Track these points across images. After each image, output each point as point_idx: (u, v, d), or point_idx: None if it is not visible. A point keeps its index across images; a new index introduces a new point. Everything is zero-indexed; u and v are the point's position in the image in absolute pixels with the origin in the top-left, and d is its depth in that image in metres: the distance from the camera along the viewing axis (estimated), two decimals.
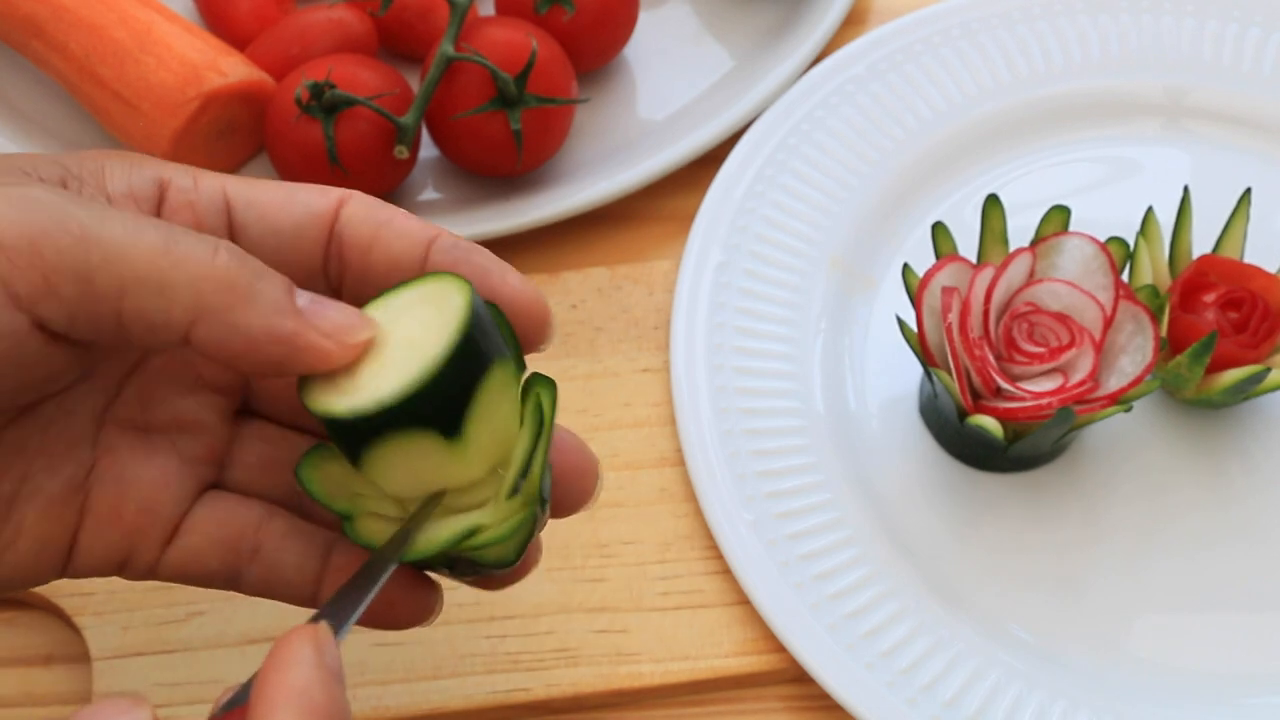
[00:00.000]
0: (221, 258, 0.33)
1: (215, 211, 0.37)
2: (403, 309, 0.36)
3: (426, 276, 0.36)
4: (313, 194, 0.38)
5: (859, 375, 0.55)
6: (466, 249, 0.38)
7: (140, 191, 0.37)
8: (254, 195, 0.38)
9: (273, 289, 0.34)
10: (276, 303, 0.34)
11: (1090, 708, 0.47)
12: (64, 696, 0.49)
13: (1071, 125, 0.60)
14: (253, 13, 0.61)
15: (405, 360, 0.34)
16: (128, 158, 0.38)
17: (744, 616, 0.49)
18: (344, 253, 0.38)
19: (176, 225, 0.34)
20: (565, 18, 0.57)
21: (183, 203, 0.37)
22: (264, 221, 0.38)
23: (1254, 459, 0.53)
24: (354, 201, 0.38)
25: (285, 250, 0.38)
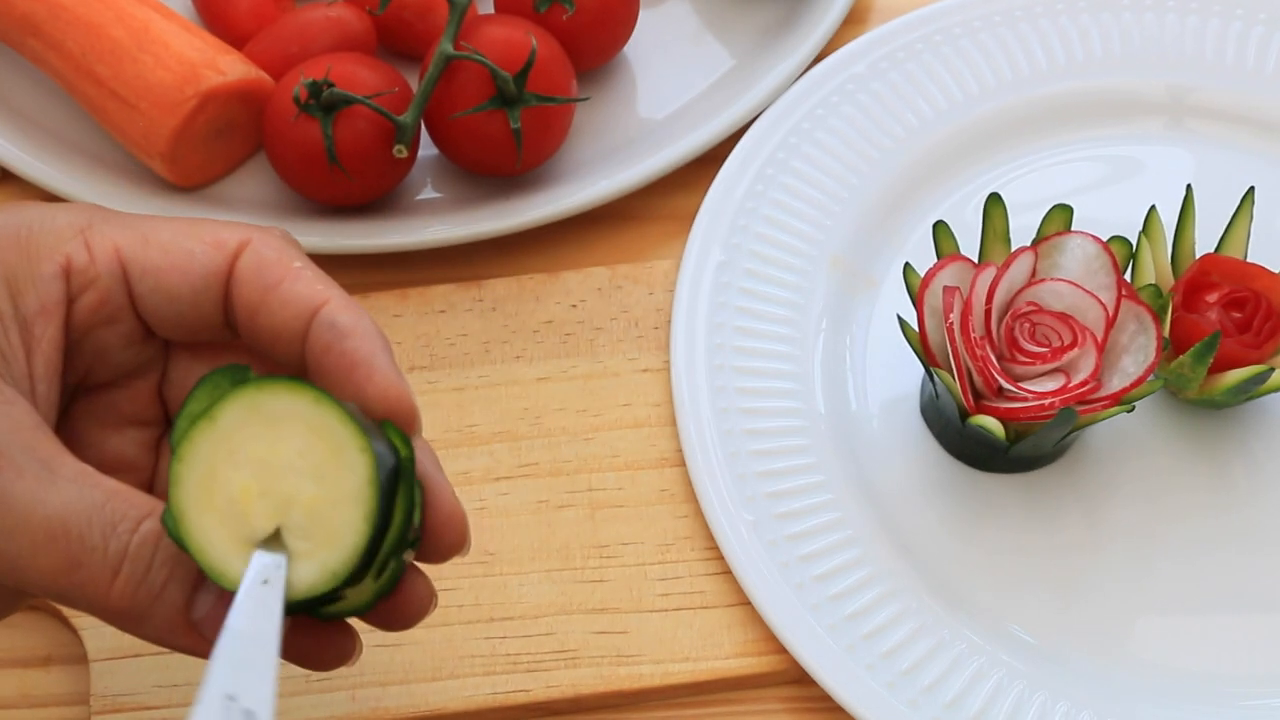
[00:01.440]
0: (118, 587, 0.34)
1: (115, 284, 0.37)
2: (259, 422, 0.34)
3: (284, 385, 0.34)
4: (209, 250, 0.37)
5: (860, 375, 0.54)
6: (344, 330, 0.36)
7: (49, 300, 0.37)
8: (149, 260, 0.37)
9: (167, 607, 0.35)
10: (169, 624, 0.35)
11: (1092, 709, 0.47)
12: (62, 698, 0.49)
13: (1074, 124, 0.60)
14: (251, 11, 0.61)
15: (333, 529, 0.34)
16: (20, 243, 0.37)
17: (744, 617, 0.49)
18: (236, 315, 0.38)
19: (91, 508, 0.34)
20: (565, 16, 0.57)
21: (84, 283, 0.37)
22: (161, 291, 0.37)
23: (1257, 459, 0.52)
24: (247, 255, 0.37)
25: (186, 313, 0.38)
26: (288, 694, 0.47)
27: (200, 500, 0.34)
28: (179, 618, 0.35)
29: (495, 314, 0.55)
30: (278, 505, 0.34)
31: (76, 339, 0.38)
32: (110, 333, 0.38)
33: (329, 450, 0.34)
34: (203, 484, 0.34)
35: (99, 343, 0.38)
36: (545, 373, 0.54)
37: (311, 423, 0.34)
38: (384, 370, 0.36)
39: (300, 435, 0.34)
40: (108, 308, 0.37)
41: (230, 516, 0.34)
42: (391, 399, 0.36)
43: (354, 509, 0.34)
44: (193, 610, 0.35)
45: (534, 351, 0.55)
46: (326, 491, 0.34)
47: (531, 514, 0.51)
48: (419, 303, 0.55)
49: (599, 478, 0.52)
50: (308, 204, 0.58)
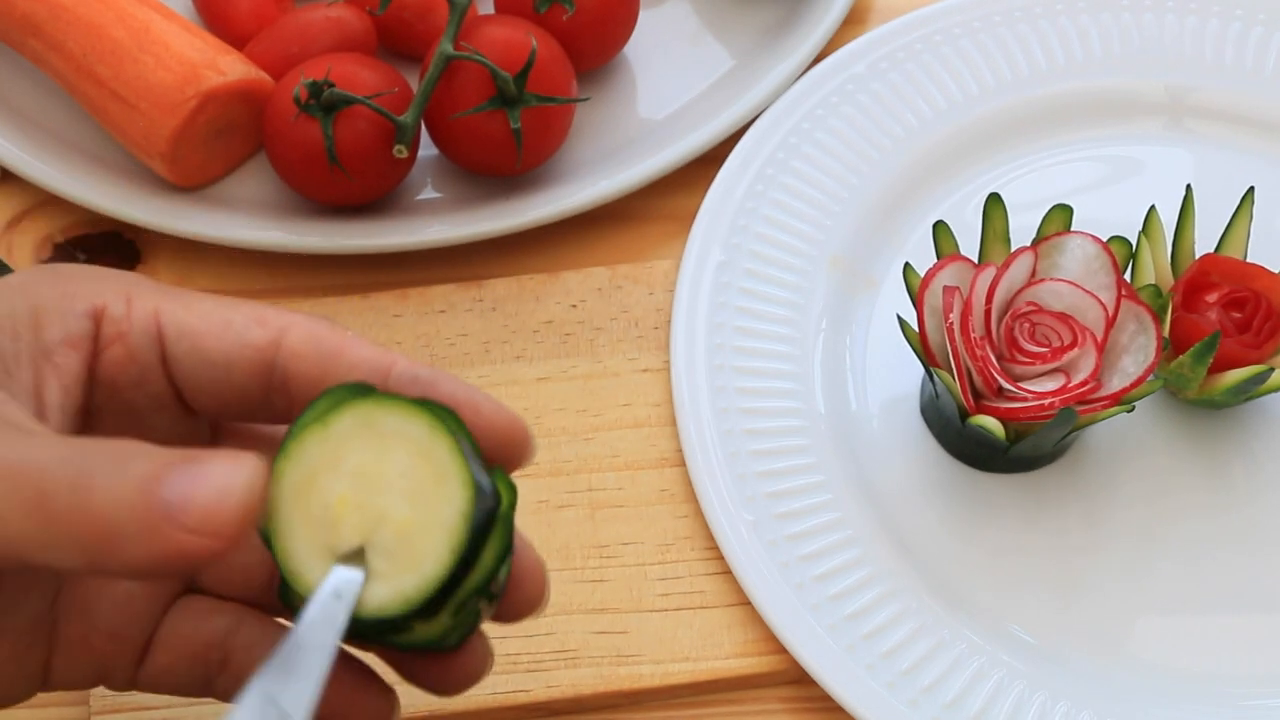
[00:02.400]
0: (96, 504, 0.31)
1: (149, 342, 0.36)
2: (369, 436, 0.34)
3: (404, 404, 0.34)
4: (250, 325, 0.36)
5: (860, 375, 0.54)
6: (430, 379, 0.36)
7: (78, 333, 0.36)
8: (188, 322, 0.36)
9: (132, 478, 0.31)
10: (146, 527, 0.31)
11: (1092, 709, 0.47)
12: (62, 698, 0.49)
13: (1073, 124, 0.60)
14: (251, 11, 0.61)
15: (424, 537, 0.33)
16: (59, 282, 0.36)
17: (744, 618, 0.49)
18: (290, 387, 0.36)
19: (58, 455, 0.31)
20: (565, 16, 0.57)
21: (114, 334, 0.36)
22: (196, 353, 0.36)
23: (1257, 459, 0.52)
24: (296, 331, 0.36)
25: (221, 382, 0.37)
26: None
27: (295, 502, 0.34)
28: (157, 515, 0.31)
29: (495, 314, 0.55)
30: (369, 521, 0.33)
31: (105, 398, 0.37)
32: (139, 395, 0.37)
33: (432, 476, 0.33)
34: (301, 486, 0.34)
35: (129, 405, 0.37)
36: (545, 373, 0.54)
37: (421, 445, 0.34)
38: (490, 402, 0.36)
39: (406, 456, 0.33)
40: (136, 366, 0.36)
41: (320, 523, 0.33)
42: (507, 425, 0.36)
43: (442, 538, 0.33)
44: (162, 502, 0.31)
45: (534, 351, 0.55)
46: (419, 516, 0.33)
47: (531, 514, 0.51)
48: (419, 303, 0.56)
49: (599, 478, 0.52)
50: (308, 204, 0.58)
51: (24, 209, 0.59)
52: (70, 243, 0.59)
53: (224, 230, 0.56)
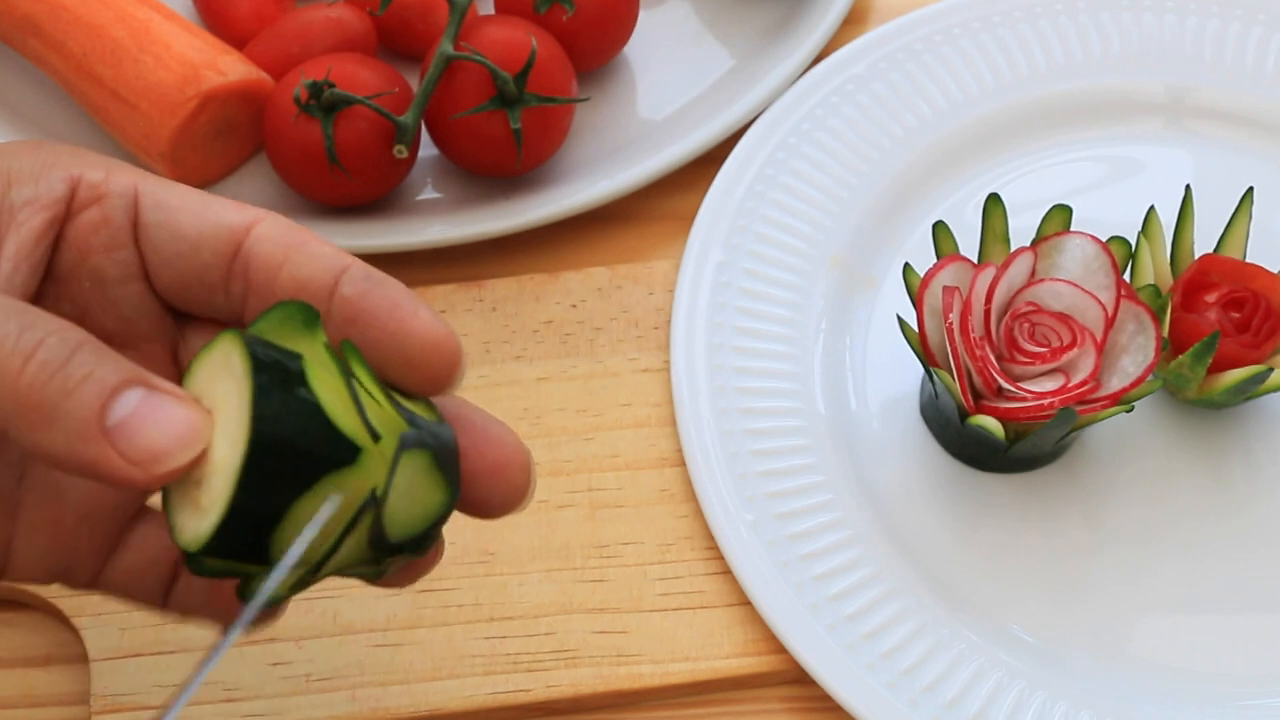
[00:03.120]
0: (30, 370, 0.31)
1: (123, 207, 0.37)
2: (212, 378, 0.33)
3: (216, 339, 0.34)
4: (227, 207, 0.37)
5: (859, 375, 0.54)
6: (379, 280, 0.36)
7: (48, 195, 0.36)
8: (165, 197, 0.37)
9: (81, 407, 0.31)
10: (81, 425, 0.31)
11: (1092, 709, 0.47)
12: (62, 697, 0.49)
13: (1073, 124, 0.60)
14: (251, 11, 0.61)
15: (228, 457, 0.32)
16: (40, 155, 0.37)
17: (744, 617, 0.49)
18: (250, 271, 0.36)
19: (9, 309, 0.32)
20: (565, 17, 0.57)
21: (90, 198, 0.36)
22: (168, 225, 0.37)
23: (1256, 459, 0.52)
24: (268, 221, 0.37)
25: (187, 257, 0.37)
26: (288, 694, 0.47)
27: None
28: (93, 420, 0.31)
29: (495, 314, 0.55)
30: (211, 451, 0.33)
31: (74, 259, 0.37)
32: (108, 260, 0.37)
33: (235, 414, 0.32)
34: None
35: (97, 270, 0.37)
36: (545, 373, 0.54)
37: (240, 382, 0.33)
38: (427, 309, 0.36)
39: (237, 393, 0.33)
40: (109, 228, 0.36)
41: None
42: (440, 333, 0.36)
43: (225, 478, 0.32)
44: (107, 415, 0.32)
45: (534, 351, 0.55)
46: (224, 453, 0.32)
47: (531, 514, 0.51)
48: None
49: (599, 478, 0.52)
50: (308, 204, 0.58)
51: None
52: None
53: None
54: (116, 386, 0.32)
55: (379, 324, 0.35)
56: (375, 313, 0.35)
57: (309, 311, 0.35)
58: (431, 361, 0.36)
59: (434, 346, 0.35)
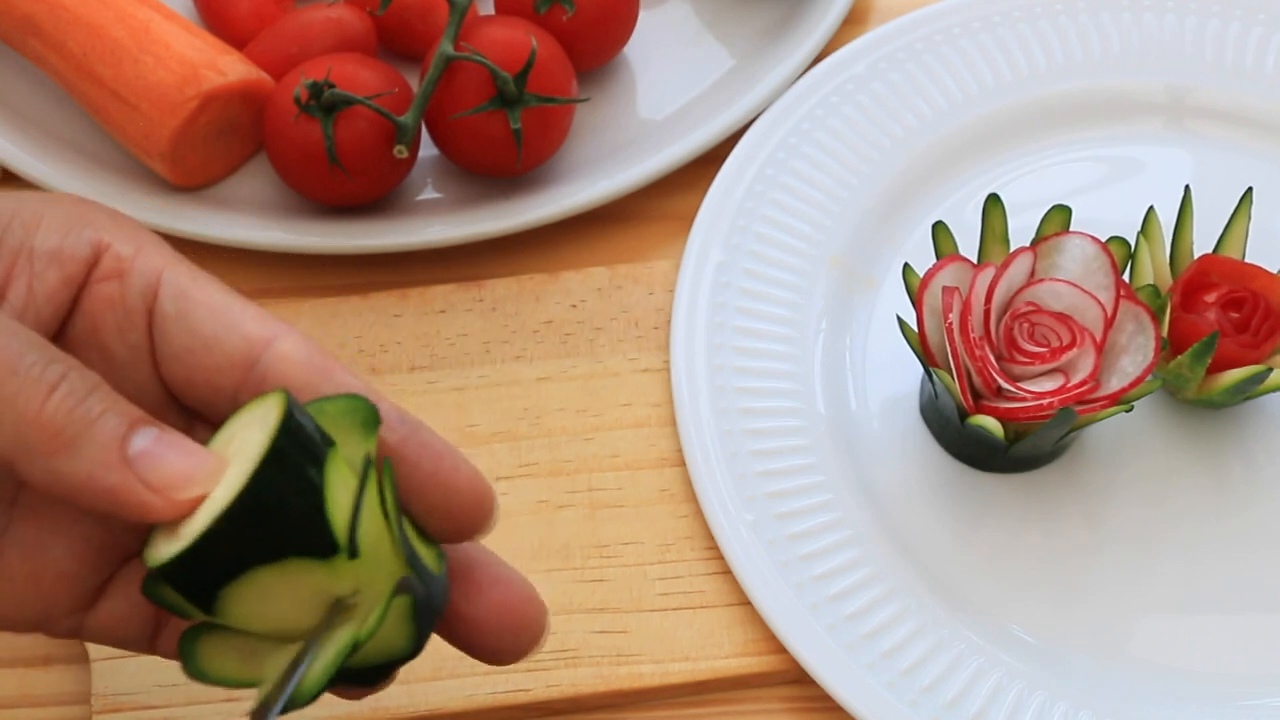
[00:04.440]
0: (55, 399, 0.32)
1: (142, 289, 0.36)
2: (244, 427, 0.34)
3: (269, 394, 0.34)
4: (248, 315, 0.36)
5: (859, 375, 0.55)
6: (414, 426, 0.36)
7: (71, 252, 0.35)
8: (187, 288, 0.36)
9: (104, 434, 0.32)
10: (103, 452, 0.32)
11: (1092, 709, 0.47)
12: (62, 697, 0.49)
13: (1072, 124, 0.60)
14: (252, 12, 0.61)
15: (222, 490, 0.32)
16: (76, 210, 0.36)
17: (744, 617, 0.49)
18: (267, 390, 0.35)
19: (33, 343, 0.32)
20: (565, 17, 0.57)
21: (113, 270, 0.36)
22: (184, 318, 0.36)
23: (1256, 459, 0.52)
24: (290, 340, 0.36)
25: (198, 355, 0.36)
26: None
27: None
28: (114, 448, 0.32)
29: (495, 314, 0.55)
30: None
31: (85, 333, 0.36)
32: (119, 342, 0.36)
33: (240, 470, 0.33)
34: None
35: (106, 348, 0.36)
36: (545, 373, 0.54)
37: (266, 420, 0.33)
38: (467, 463, 0.36)
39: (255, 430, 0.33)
40: (123, 308, 0.36)
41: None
42: (479, 489, 0.36)
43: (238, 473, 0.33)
44: (129, 444, 0.32)
45: (534, 351, 0.55)
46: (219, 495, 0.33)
47: (531, 514, 0.51)
48: (419, 303, 0.56)
49: (599, 478, 0.52)
50: (308, 204, 0.58)
51: None
52: None
53: (224, 230, 0.56)
54: (135, 421, 0.33)
55: (420, 472, 0.35)
56: (417, 462, 0.35)
57: (371, 413, 0.34)
58: (468, 514, 0.36)
59: (475, 503, 0.36)
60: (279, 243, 0.56)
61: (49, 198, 0.37)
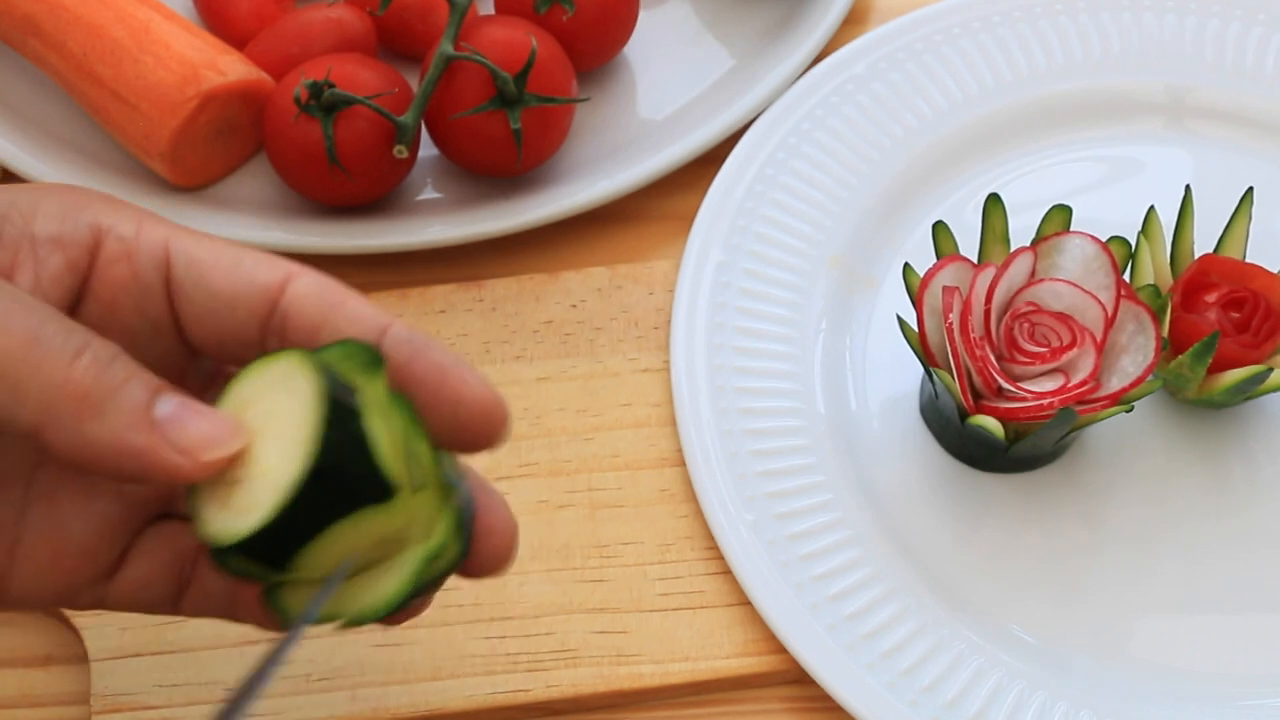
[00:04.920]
0: (80, 365, 0.32)
1: (154, 265, 0.36)
2: (268, 390, 0.35)
3: (279, 355, 0.35)
4: (260, 264, 0.37)
5: (859, 375, 0.55)
6: (422, 344, 0.37)
7: (71, 237, 0.36)
8: (197, 254, 0.37)
9: (130, 399, 0.33)
10: (131, 415, 0.33)
11: (1092, 709, 0.47)
12: (62, 697, 0.49)
13: (1073, 124, 0.60)
14: (252, 11, 0.61)
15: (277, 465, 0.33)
16: (70, 198, 0.37)
17: (744, 617, 0.49)
18: (287, 330, 0.37)
19: (52, 315, 0.33)
20: (565, 17, 0.57)
21: (119, 253, 0.36)
22: (203, 284, 0.36)
23: (1256, 459, 0.52)
24: (304, 278, 0.37)
25: (222, 315, 0.37)
26: (288, 693, 0.47)
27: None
28: (141, 412, 0.33)
29: (495, 314, 0.55)
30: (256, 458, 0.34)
31: (102, 313, 0.37)
32: (137, 318, 0.37)
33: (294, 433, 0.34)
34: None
35: (126, 324, 0.37)
36: (545, 373, 0.54)
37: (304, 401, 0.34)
38: (474, 374, 0.37)
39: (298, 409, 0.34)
40: (138, 285, 0.36)
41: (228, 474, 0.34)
42: (488, 400, 0.37)
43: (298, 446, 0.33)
44: (155, 407, 0.33)
45: (534, 351, 0.55)
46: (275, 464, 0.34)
47: (531, 514, 0.51)
48: (419, 303, 0.56)
49: (599, 478, 0.52)
50: (308, 204, 0.58)
51: None
52: None
53: (224, 230, 0.56)
54: (158, 388, 0.34)
55: (429, 389, 0.36)
56: (424, 379, 0.36)
57: (372, 354, 0.36)
58: (482, 425, 0.37)
59: (485, 413, 0.37)
60: (279, 243, 0.56)
61: (42, 187, 0.37)
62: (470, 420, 0.37)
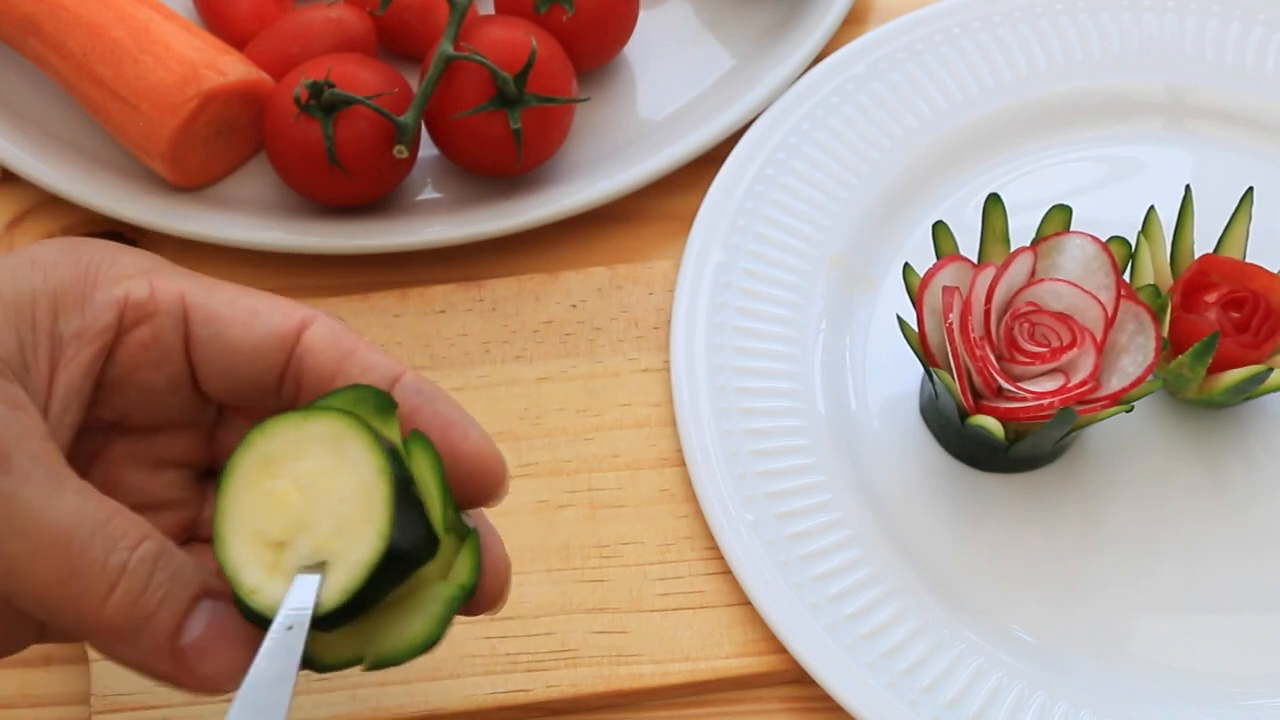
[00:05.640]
0: (114, 601, 0.34)
1: (174, 325, 0.37)
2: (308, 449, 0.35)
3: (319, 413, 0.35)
4: (275, 312, 0.38)
5: (859, 375, 0.55)
6: (430, 395, 0.37)
7: (95, 327, 0.37)
8: (214, 308, 0.37)
9: (158, 630, 0.34)
10: (158, 646, 0.34)
11: (1092, 709, 0.47)
12: (62, 697, 0.49)
13: (1073, 124, 0.60)
14: (252, 11, 0.61)
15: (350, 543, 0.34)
16: (80, 266, 0.37)
17: (744, 617, 0.49)
18: (303, 379, 0.37)
19: (96, 523, 0.34)
20: (565, 17, 0.57)
21: (138, 317, 0.37)
22: (221, 340, 0.37)
23: (1256, 459, 0.52)
24: (317, 326, 0.38)
25: (240, 369, 0.38)
26: None
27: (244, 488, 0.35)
28: (166, 641, 0.34)
29: (495, 314, 0.55)
30: (305, 523, 0.35)
31: (122, 375, 0.38)
32: (157, 375, 0.38)
33: (363, 515, 0.34)
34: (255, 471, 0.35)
35: (144, 383, 0.38)
36: (545, 373, 0.54)
37: (364, 484, 0.34)
38: (477, 430, 0.38)
39: (353, 482, 0.34)
40: (159, 346, 0.37)
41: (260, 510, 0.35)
42: (486, 457, 0.37)
43: (372, 526, 0.34)
44: (181, 635, 0.35)
45: (534, 351, 0.55)
46: (342, 543, 0.34)
47: (531, 514, 0.51)
48: (419, 303, 0.56)
49: (599, 478, 0.52)
50: (308, 204, 0.58)
51: (25, 209, 0.59)
52: None
53: (224, 230, 0.56)
54: (189, 606, 0.35)
55: (434, 442, 0.37)
56: (429, 430, 0.37)
57: (384, 399, 0.36)
58: (480, 482, 0.38)
59: (484, 470, 0.37)
60: (279, 243, 0.56)
61: (46, 263, 0.37)
62: (469, 475, 0.37)
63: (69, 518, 0.34)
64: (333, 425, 0.35)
